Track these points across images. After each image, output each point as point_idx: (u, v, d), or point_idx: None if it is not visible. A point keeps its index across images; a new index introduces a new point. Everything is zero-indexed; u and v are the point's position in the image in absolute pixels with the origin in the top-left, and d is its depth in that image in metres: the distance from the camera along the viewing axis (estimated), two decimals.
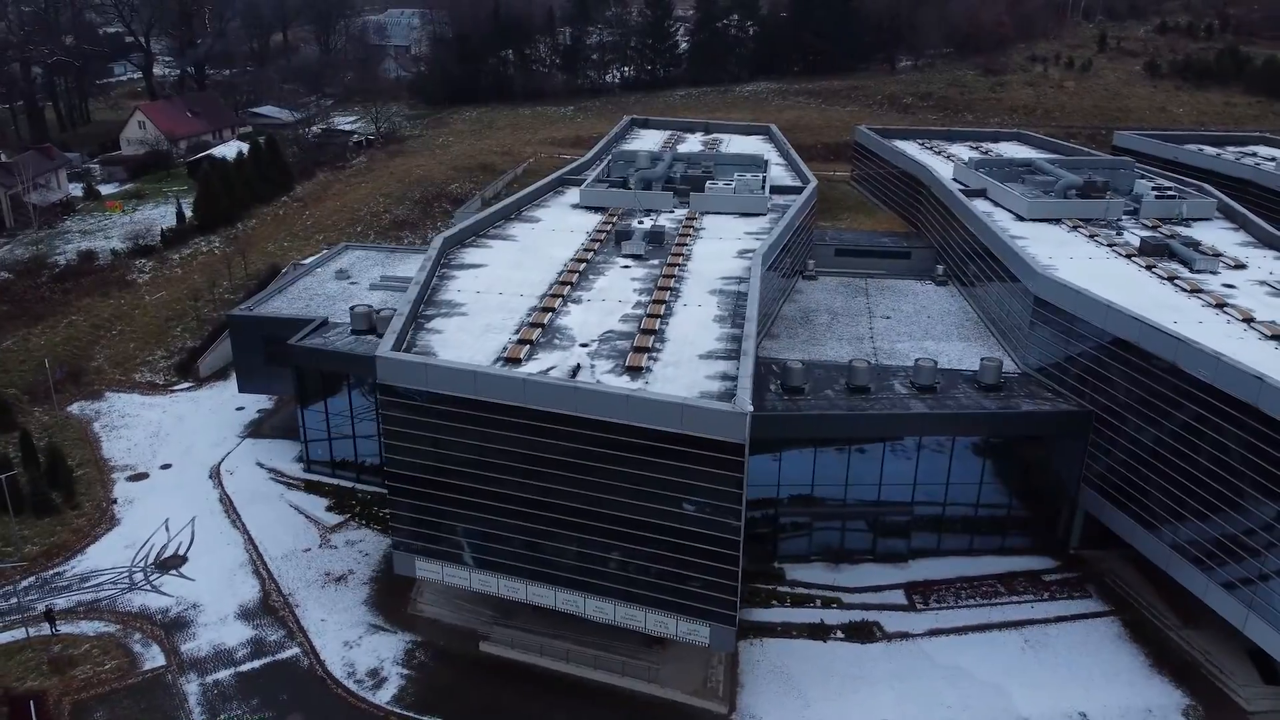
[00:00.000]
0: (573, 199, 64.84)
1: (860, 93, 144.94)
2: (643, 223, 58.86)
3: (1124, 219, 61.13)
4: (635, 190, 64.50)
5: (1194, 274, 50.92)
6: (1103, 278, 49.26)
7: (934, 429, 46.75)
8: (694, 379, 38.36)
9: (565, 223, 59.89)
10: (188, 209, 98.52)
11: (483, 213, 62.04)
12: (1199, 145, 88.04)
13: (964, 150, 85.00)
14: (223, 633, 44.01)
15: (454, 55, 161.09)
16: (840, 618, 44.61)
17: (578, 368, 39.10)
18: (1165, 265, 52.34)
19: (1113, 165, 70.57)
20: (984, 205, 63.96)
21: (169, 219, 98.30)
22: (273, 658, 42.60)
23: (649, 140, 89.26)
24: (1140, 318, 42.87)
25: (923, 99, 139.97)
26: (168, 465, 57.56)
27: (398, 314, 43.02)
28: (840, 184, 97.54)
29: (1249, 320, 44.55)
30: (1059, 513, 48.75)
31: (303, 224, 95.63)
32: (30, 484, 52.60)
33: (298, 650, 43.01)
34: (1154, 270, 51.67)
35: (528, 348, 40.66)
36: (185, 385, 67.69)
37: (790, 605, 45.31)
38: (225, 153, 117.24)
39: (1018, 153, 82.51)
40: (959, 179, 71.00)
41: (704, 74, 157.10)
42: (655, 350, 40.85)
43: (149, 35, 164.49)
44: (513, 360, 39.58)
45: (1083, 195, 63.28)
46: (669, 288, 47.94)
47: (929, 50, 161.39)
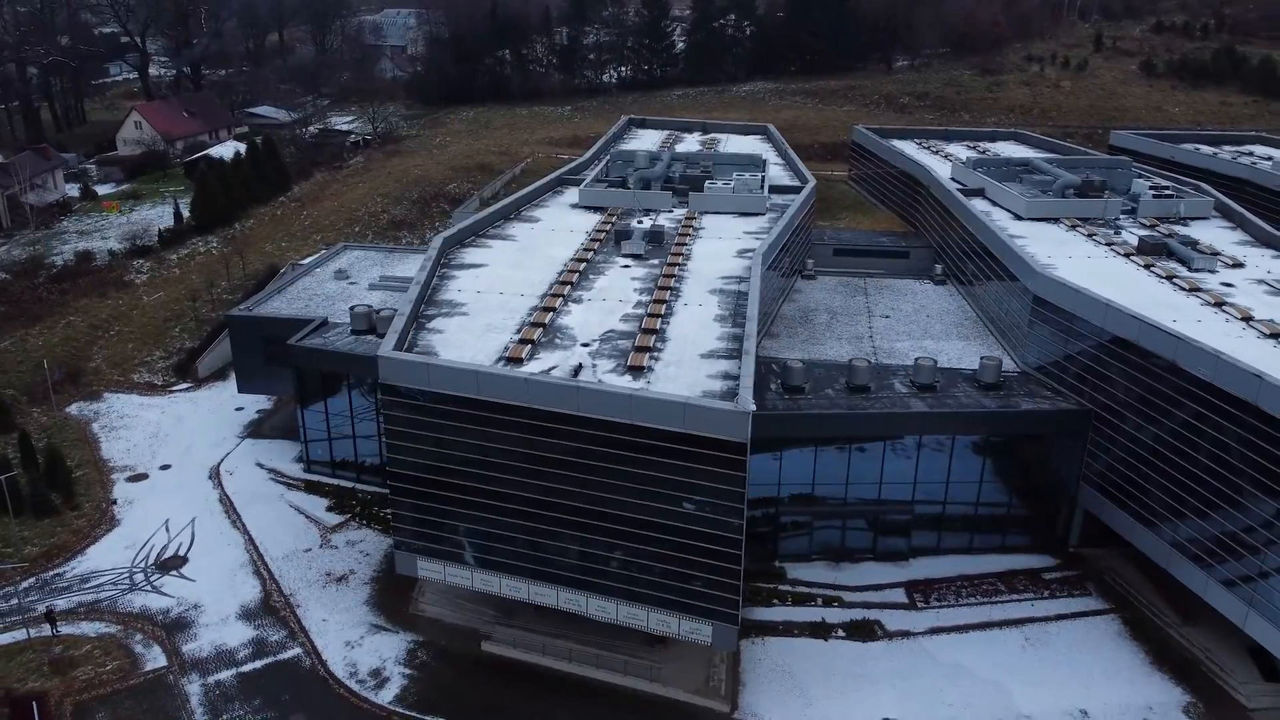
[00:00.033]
0: (572, 199, 64.83)
1: (857, 92, 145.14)
2: (642, 222, 58.90)
3: (1122, 218, 61.29)
4: (634, 190, 64.50)
5: (1192, 273, 51.12)
6: (1101, 277, 49.42)
7: (934, 428, 46.88)
8: (696, 378, 38.43)
9: (564, 222, 59.90)
10: (185, 209, 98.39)
11: (482, 213, 62.07)
12: (1195, 145, 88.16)
13: (961, 150, 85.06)
14: (224, 633, 44.02)
15: (450, 55, 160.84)
16: (841, 616, 44.74)
17: (580, 367, 39.14)
18: (1163, 264, 52.52)
19: (1110, 165, 70.65)
20: (982, 205, 64.10)
21: (166, 219, 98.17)
22: (274, 658, 42.62)
23: (647, 140, 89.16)
24: (1140, 316, 43.03)
25: (919, 99, 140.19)
26: (167, 466, 57.52)
27: (399, 314, 43.01)
28: (838, 183, 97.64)
29: (1247, 319, 44.73)
30: (1059, 511, 48.89)
31: (300, 224, 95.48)
32: (30, 485, 52.54)
33: (299, 650, 43.03)
34: (1152, 269, 51.85)
35: (529, 347, 40.70)
36: (184, 386, 67.61)
37: (791, 604, 45.45)
38: (222, 153, 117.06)
39: (1015, 152, 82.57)
40: (957, 178, 71.10)
41: (701, 74, 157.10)
42: (657, 350, 40.90)
43: (145, 35, 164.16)
44: (515, 360, 39.61)
45: (1080, 195, 63.42)
46: (669, 287, 47.99)
47: (925, 50, 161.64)
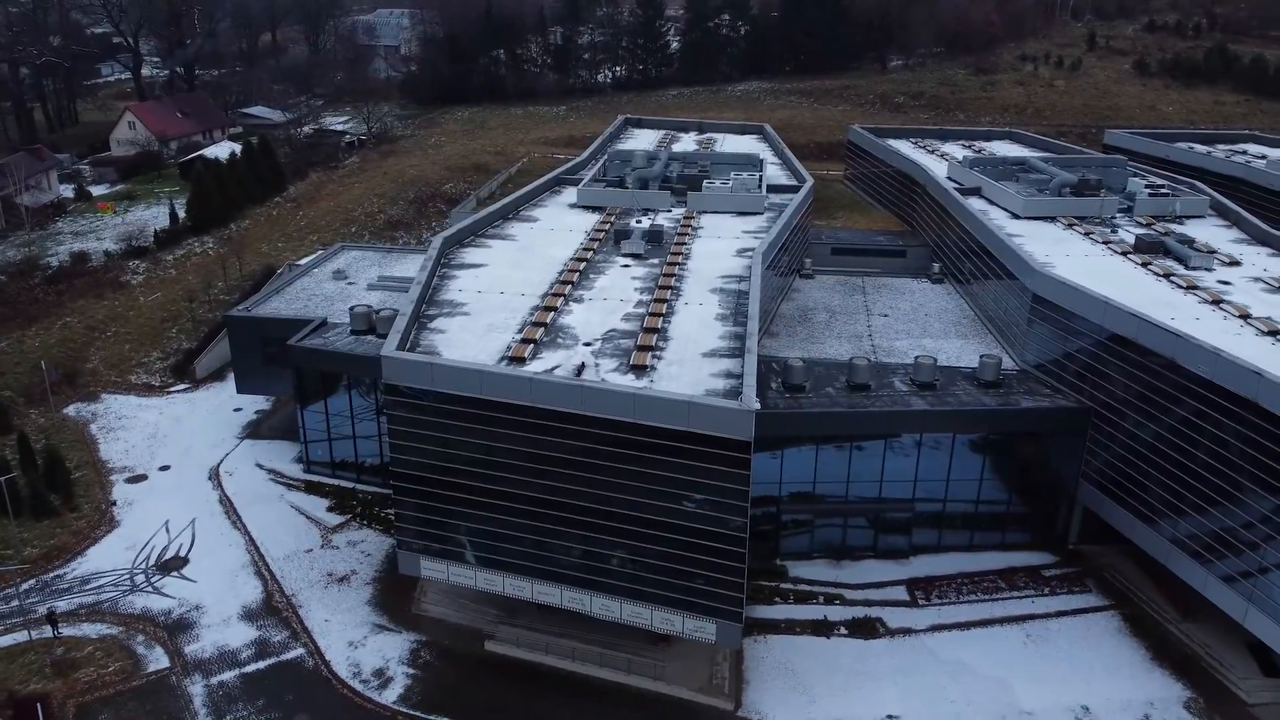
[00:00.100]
0: (570, 198, 64.87)
1: (852, 92, 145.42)
2: (641, 222, 58.97)
3: (1118, 217, 61.59)
4: (632, 190, 64.54)
5: (1189, 271, 51.39)
6: (1099, 275, 49.65)
7: (934, 426, 47.03)
8: (698, 377, 38.53)
9: (563, 222, 59.95)
10: (180, 210, 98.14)
11: (480, 212, 62.02)
12: (1189, 143, 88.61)
13: (957, 149, 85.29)
14: (226, 634, 43.98)
15: (445, 55, 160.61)
16: (843, 614, 44.91)
17: (582, 366, 39.20)
18: (1161, 262, 52.77)
19: (1105, 163, 70.98)
20: (979, 204, 64.33)
21: (161, 220, 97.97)
22: (277, 658, 42.61)
23: (643, 140, 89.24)
24: (1138, 314, 43.24)
25: (914, 98, 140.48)
26: (166, 467, 57.42)
27: (401, 314, 42.99)
28: (834, 183, 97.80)
29: (1245, 316, 44.98)
30: (1058, 508, 49.11)
31: (296, 224, 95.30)
32: (29, 486, 52.38)
33: (302, 651, 43.02)
34: (1150, 267, 52.09)
35: (531, 347, 40.75)
36: (182, 386, 67.49)
37: (793, 602, 45.61)
38: (218, 153, 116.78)
39: (1010, 151, 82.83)
40: (953, 177, 71.33)
41: (695, 74, 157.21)
42: (659, 349, 40.99)
43: (138, 36, 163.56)
44: (517, 359, 39.66)
45: (1077, 193, 63.68)
46: (670, 286, 48.07)
47: (920, 49, 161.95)
